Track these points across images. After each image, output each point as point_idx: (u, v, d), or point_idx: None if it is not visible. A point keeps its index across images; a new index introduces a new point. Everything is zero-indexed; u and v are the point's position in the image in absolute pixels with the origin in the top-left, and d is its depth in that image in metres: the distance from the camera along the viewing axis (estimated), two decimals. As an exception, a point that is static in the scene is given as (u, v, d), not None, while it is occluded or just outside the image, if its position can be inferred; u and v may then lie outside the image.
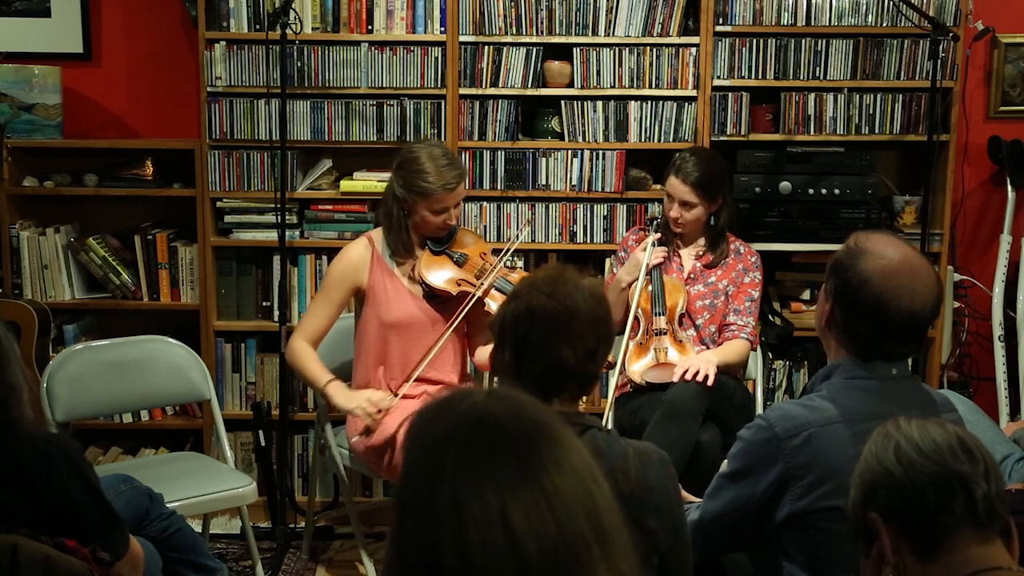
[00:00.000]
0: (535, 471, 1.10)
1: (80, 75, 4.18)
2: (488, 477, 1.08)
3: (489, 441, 1.12)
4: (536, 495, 1.08)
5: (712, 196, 3.44)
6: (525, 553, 1.06)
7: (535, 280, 1.96)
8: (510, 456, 1.11)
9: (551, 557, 1.06)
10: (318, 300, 3.30)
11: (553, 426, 1.16)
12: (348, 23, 3.85)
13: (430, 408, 1.18)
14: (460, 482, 1.09)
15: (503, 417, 1.14)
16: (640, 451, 1.93)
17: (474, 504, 1.07)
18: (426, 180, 3.14)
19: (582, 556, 1.08)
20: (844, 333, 2.06)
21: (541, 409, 1.18)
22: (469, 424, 1.14)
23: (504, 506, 1.07)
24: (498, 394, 1.18)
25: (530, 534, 1.06)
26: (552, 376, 1.89)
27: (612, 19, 3.83)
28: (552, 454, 1.12)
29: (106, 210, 4.13)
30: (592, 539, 1.09)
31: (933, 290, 2.00)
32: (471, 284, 3.26)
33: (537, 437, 1.13)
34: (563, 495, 1.10)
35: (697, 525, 2.12)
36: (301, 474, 4.03)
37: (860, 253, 2.01)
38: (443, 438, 1.13)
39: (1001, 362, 4.12)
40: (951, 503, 1.43)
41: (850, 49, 3.85)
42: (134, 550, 2.32)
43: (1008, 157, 4.11)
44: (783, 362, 4.02)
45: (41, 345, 3.71)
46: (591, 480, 1.14)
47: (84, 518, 2.17)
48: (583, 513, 1.10)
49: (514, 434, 1.13)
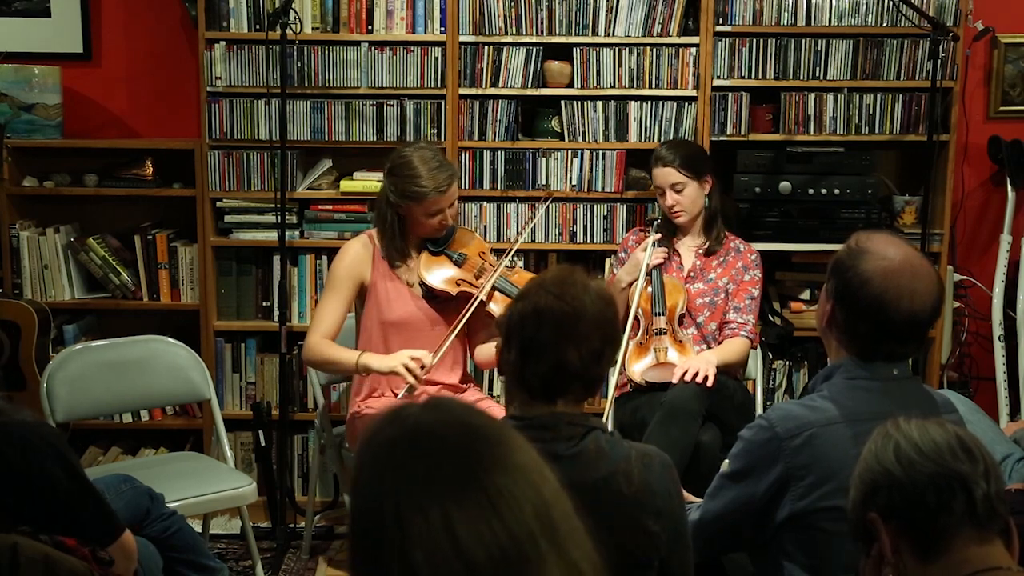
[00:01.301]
0: (476, 476, 1.10)
1: (80, 75, 4.18)
2: (428, 490, 1.09)
3: (426, 454, 1.12)
4: (480, 500, 1.08)
5: (698, 171, 3.48)
6: (474, 561, 1.06)
7: (543, 280, 1.96)
8: (449, 465, 1.11)
9: (500, 560, 1.06)
10: (327, 297, 3.28)
11: (490, 427, 1.16)
12: (348, 23, 3.85)
13: (371, 426, 1.18)
14: (401, 498, 1.09)
15: (438, 427, 1.14)
16: (642, 454, 1.93)
17: (416, 519, 1.07)
18: (419, 184, 3.13)
19: (531, 553, 1.08)
20: (845, 333, 2.06)
21: (477, 412, 1.18)
22: (405, 439, 1.14)
23: (447, 517, 1.07)
24: (433, 404, 1.18)
25: (476, 541, 1.06)
26: (557, 377, 1.89)
27: (612, 19, 3.83)
28: (492, 456, 1.12)
29: (106, 210, 4.13)
30: (540, 534, 1.09)
31: (934, 291, 2.00)
32: (470, 284, 3.26)
33: (475, 441, 1.13)
34: (507, 495, 1.10)
35: (698, 525, 2.12)
36: (301, 474, 4.03)
37: (861, 253, 2.01)
38: (381, 455, 1.14)
39: (1001, 362, 4.12)
40: (951, 503, 1.42)
41: (850, 49, 3.85)
42: (126, 539, 2.31)
43: (1008, 157, 4.11)
44: (783, 362, 4.02)
45: (41, 345, 3.71)
46: (536, 474, 1.14)
47: (69, 504, 2.16)
48: (530, 510, 1.10)
49: (451, 442, 1.13)
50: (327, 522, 3.94)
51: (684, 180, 3.47)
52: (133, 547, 2.35)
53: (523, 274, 3.44)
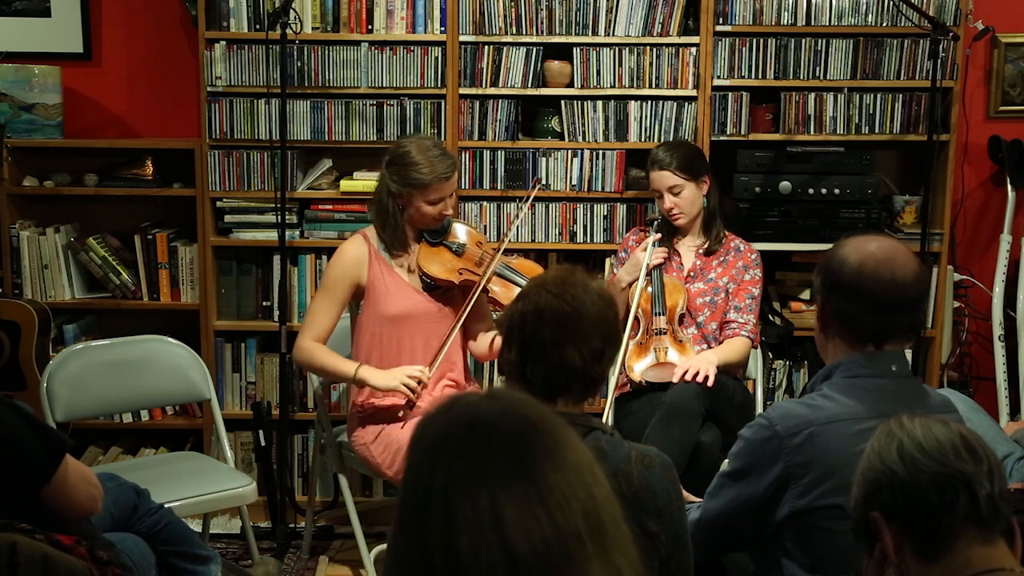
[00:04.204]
0: (528, 469, 1.11)
1: (80, 75, 4.18)
2: (479, 478, 1.09)
3: (481, 441, 1.12)
4: (529, 493, 1.09)
5: (694, 172, 3.48)
6: (517, 552, 1.06)
7: (544, 280, 1.97)
8: (502, 455, 1.11)
9: (543, 555, 1.07)
10: (321, 299, 3.28)
11: (548, 422, 1.16)
12: (348, 23, 3.84)
13: (430, 412, 1.19)
14: (451, 484, 1.10)
15: (496, 416, 1.15)
16: (643, 454, 1.93)
17: (465, 505, 1.08)
18: (420, 172, 3.14)
19: (576, 553, 1.09)
20: (834, 320, 2.08)
21: (536, 406, 1.19)
22: (461, 425, 1.15)
23: (495, 506, 1.08)
24: (493, 394, 1.19)
25: (522, 533, 1.07)
26: (557, 376, 1.89)
27: (612, 19, 3.83)
28: (547, 451, 1.13)
29: (106, 210, 4.13)
30: (587, 535, 1.10)
31: (913, 266, 2.06)
32: (472, 272, 3.27)
33: (531, 434, 1.14)
34: (557, 492, 1.10)
35: (698, 524, 2.12)
36: (301, 474, 4.03)
37: (839, 246, 2.11)
38: (436, 441, 1.15)
39: (1001, 362, 4.12)
40: (954, 503, 1.42)
41: (850, 49, 3.85)
42: (82, 467, 2.31)
43: (1008, 157, 4.11)
44: (783, 362, 4.02)
45: (41, 345, 3.71)
46: (589, 475, 1.15)
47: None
48: (579, 509, 1.10)
49: (507, 433, 1.14)
50: (327, 522, 3.93)
51: (681, 182, 3.47)
52: (86, 470, 2.34)
53: (523, 261, 3.46)
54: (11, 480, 2.16)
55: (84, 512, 2.31)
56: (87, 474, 2.32)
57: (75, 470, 2.27)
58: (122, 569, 2.30)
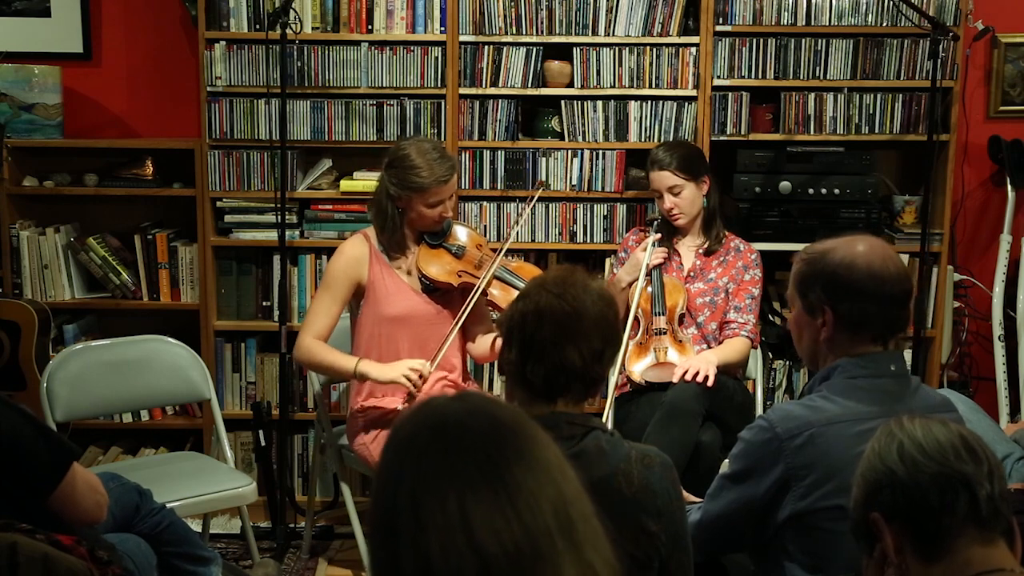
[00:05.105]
0: (497, 469, 1.10)
1: (80, 75, 4.18)
2: (447, 480, 1.09)
3: (449, 443, 1.12)
4: (498, 493, 1.09)
5: (694, 172, 3.48)
6: (487, 553, 1.06)
7: (544, 280, 1.97)
8: (471, 456, 1.11)
9: (514, 556, 1.07)
10: (321, 298, 3.28)
11: (517, 422, 1.16)
12: (348, 23, 3.84)
13: (400, 417, 1.20)
14: (419, 486, 1.10)
15: (464, 417, 1.15)
16: (643, 454, 1.93)
17: (434, 508, 1.08)
18: (419, 175, 3.14)
19: (547, 551, 1.08)
20: (843, 324, 2.08)
21: (504, 406, 1.19)
22: (429, 428, 1.15)
23: (464, 508, 1.07)
24: (462, 396, 1.19)
25: (491, 534, 1.07)
26: (557, 376, 1.89)
27: (612, 19, 3.83)
28: (516, 450, 1.13)
29: (106, 210, 4.13)
30: (557, 533, 1.10)
31: (894, 258, 2.09)
32: (471, 275, 3.27)
33: (499, 434, 1.14)
34: (526, 491, 1.10)
35: (698, 526, 2.12)
36: (301, 474, 4.03)
37: (827, 254, 2.13)
38: (405, 443, 1.15)
39: (1001, 362, 4.12)
40: (954, 503, 1.42)
41: (850, 49, 3.85)
42: (89, 475, 2.31)
43: (1008, 157, 4.11)
44: (783, 362, 4.02)
45: (41, 345, 3.71)
46: (558, 472, 1.14)
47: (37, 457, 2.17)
48: (549, 508, 1.10)
49: (474, 433, 1.14)
50: (327, 522, 3.93)
51: (681, 183, 3.47)
52: (94, 479, 2.34)
53: (523, 264, 3.46)
54: (16, 485, 2.16)
55: (89, 520, 2.31)
56: (94, 483, 2.32)
57: (83, 479, 2.27)
58: (122, 570, 2.30)
